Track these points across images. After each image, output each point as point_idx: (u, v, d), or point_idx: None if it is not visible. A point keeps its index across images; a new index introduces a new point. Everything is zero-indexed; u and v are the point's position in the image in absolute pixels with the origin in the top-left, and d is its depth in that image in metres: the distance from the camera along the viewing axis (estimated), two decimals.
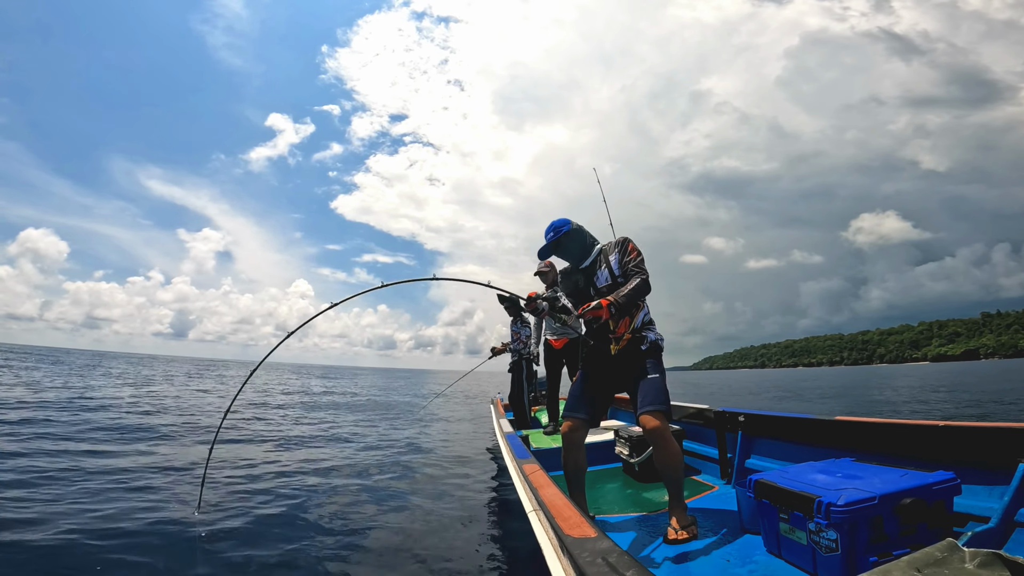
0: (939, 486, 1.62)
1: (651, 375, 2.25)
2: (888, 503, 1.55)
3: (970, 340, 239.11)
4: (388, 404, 13.94)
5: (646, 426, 2.14)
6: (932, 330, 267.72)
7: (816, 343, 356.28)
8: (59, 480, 3.96)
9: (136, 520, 3.16)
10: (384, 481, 4.77)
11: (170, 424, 7.47)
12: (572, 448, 2.34)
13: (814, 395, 20.05)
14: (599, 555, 1.01)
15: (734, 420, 3.14)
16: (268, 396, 14.76)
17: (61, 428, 6.28)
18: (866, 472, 1.83)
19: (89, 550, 2.70)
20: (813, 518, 1.60)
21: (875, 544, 1.53)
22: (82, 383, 14.17)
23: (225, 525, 3.19)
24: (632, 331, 2.35)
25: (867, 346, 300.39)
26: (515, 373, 5.72)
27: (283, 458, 5.63)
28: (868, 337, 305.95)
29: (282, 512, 3.56)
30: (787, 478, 1.86)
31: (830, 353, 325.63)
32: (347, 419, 9.98)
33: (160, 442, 6.03)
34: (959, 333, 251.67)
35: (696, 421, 3.58)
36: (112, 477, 4.17)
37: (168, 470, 4.61)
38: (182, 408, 9.92)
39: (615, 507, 2.81)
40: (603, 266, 2.43)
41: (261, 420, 9.06)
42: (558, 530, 1.23)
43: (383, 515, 3.68)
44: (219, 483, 4.22)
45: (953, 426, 1.97)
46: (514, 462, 2.45)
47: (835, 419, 2.50)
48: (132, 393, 12.33)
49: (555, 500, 1.51)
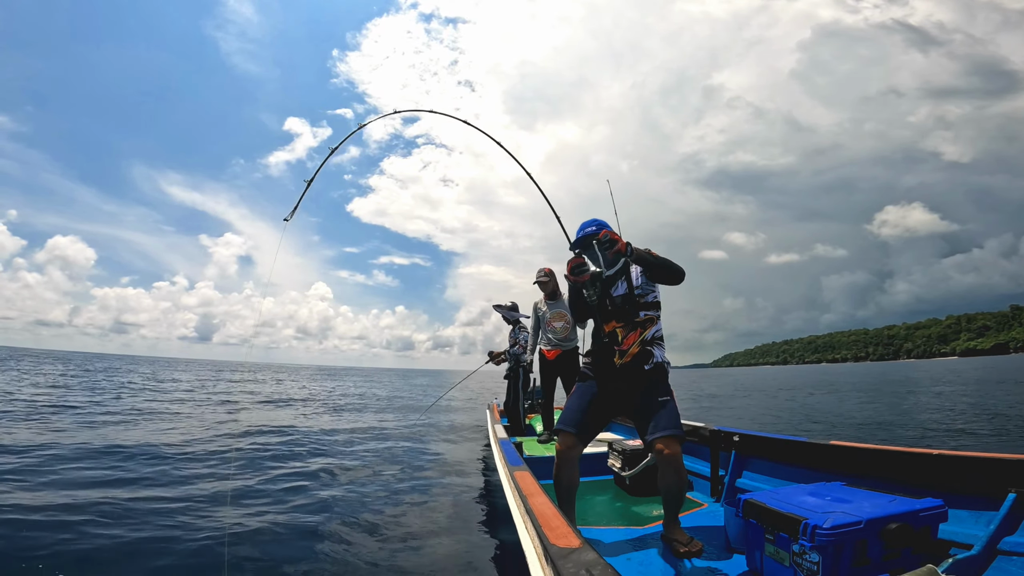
0: (926, 512, 1.64)
1: (661, 397, 2.23)
2: (874, 527, 1.56)
3: (1000, 334, 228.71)
4: (390, 407, 13.89)
5: (663, 451, 2.10)
6: (960, 324, 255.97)
7: (840, 338, 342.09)
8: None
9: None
10: (374, 484, 4.77)
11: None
12: (566, 464, 2.29)
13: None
14: (583, 567, 1.01)
15: (728, 439, 3.14)
16: (270, 398, 14.75)
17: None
18: (855, 496, 1.84)
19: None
20: (798, 540, 1.60)
21: (856, 568, 1.54)
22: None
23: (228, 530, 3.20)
24: (640, 343, 2.31)
25: (893, 341, 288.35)
26: (511, 380, 5.73)
27: (275, 461, 5.63)
28: (894, 332, 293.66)
29: (268, 516, 3.55)
30: (776, 499, 1.87)
31: (855, 349, 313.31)
32: (346, 421, 9.96)
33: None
34: (988, 327, 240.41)
35: (691, 438, 3.57)
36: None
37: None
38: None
39: (603, 519, 2.80)
40: (624, 277, 2.40)
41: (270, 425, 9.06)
42: (544, 539, 1.23)
43: (371, 517, 3.68)
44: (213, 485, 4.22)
45: (946, 455, 1.99)
46: (505, 468, 2.46)
47: (829, 443, 2.51)
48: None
49: (543, 509, 1.51)
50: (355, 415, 11.08)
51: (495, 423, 4.58)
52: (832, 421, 10.05)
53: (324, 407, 12.69)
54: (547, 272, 4.78)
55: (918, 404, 12.84)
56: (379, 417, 10.86)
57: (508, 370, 5.80)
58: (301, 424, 8.69)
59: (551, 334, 4.70)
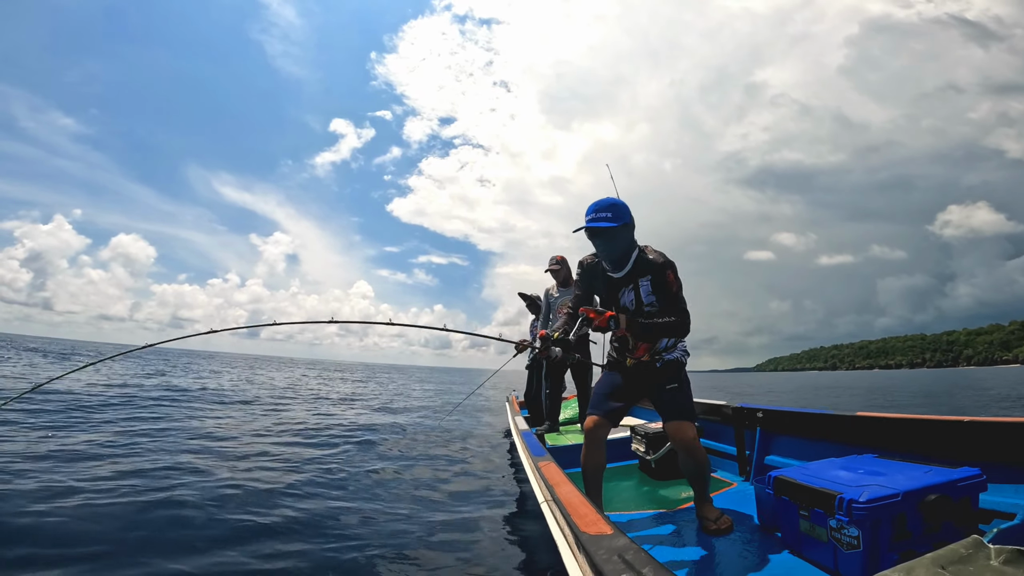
0: (965, 483, 1.59)
1: (669, 386, 2.24)
2: (912, 500, 1.52)
3: None
4: (421, 405, 13.96)
5: (675, 436, 2.16)
6: None
7: (895, 344, 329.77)
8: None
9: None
10: (402, 477, 4.82)
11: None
12: (594, 445, 2.29)
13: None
14: (615, 552, 1.01)
15: (752, 416, 3.10)
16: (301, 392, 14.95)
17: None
18: (889, 469, 1.80)
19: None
20: (834, 515, 1.58)
21: (898, 542, 1.50)
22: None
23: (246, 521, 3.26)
24: (651, 352, 2.29)
25: (952, 347, 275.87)
26: (532, 371, 5.72)
27: (298, 452, 5.73)
28: (953, 338, 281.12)
29: (290, 505, 3.61)
30: (807, 475, 1.84)
31: (910, 355, 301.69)
32: (379, 418, 10.07)
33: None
34: None
35: (714, 418, 3.54)
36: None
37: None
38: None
39: (631, 504, 2.80)
40: (631, 286, 2.20)
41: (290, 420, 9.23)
42: (574, 527, 1.23)
43: (402, 509, 3.72)
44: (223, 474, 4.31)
45: (979, 422, 1.92)
46: (529, 459, 2.46)
47: (856, 415, 2.45)
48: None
49: (571, 497, 1.51)
50: (384, 414, 11.20)
51: (515, 415, 4.59)
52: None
53: (374, 405, 12.80)
54: (559, 260, 4.74)
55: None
56: (415, 413, 10.96)
57: (530, 359, 5.79)
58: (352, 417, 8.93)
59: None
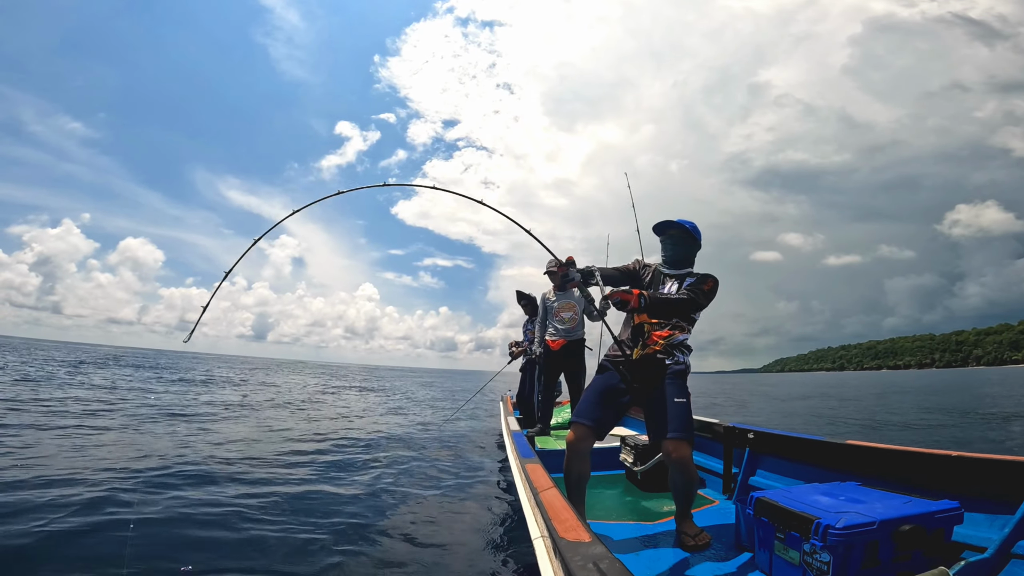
0: (941, 515, 1.61)
1: (677, 399, 2.21)
2: (887, 529, 1.55)
3: None
4: (419, 408, 13.92)
5: (671, 453, 2.13)
6: None
7: (903, 344, 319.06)
8: None
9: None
10: (388, 479, 4.85)
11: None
12: (577, 457, 2.28)
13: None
14: (591, 560, 1.03)
15: (743, 436, 3.12)
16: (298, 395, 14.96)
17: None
18: (870, 497, 1.83)
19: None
20: (809, 539, 1.60)
21: (866, 569, 1.53)
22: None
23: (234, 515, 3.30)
24: (666, 341, 2.31)
25: (961, 347, 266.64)
26: (526, 372, 5.75)
27: (290, 455, 5.78)
28: (963, 338, 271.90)
29: (282, 506, 3.64)
30: (789, 498, 1.86)
31: (919, 355, 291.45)
32: (380, 420, 10.07)
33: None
34: None
35: (704, 434, 3.55)
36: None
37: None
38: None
39: (613, 514, 2.82)
40: (674, 281, 2.41)
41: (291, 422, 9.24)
42: (553, 532, 1.26)
43: (384, 509, 3.76)
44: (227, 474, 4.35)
45: (964, 456, 1.95)
46: (517, 461, 2.49)
47: (845, 443, 2.48)
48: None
49: (553, 502, 1.54)
50: (383, 417, 11.21)
51: (507, 415, 4.62)
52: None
53: (383, 409, 12.72)
54: (555, 262, 4.74)
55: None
56: (417, 416, 10.94)
57: (525, 361, 5.81)
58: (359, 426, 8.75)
59: (557, 323, 4.65)
